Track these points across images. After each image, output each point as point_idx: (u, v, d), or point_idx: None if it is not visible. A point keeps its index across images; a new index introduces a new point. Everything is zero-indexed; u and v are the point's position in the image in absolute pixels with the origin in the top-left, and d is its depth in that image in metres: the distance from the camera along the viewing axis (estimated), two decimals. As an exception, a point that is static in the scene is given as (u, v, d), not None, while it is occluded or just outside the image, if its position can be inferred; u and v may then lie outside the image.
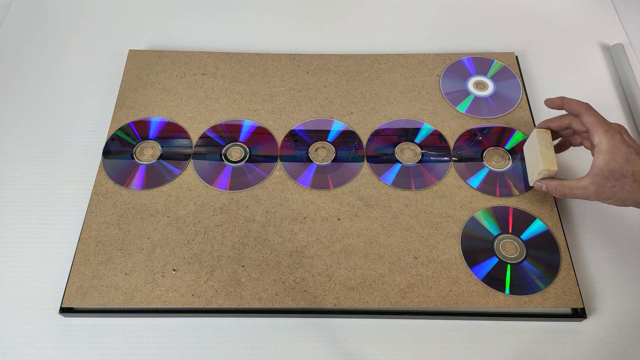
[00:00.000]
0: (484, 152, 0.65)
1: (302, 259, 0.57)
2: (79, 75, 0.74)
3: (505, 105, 0.69)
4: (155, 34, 0.79)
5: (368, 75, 0.72)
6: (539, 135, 0.58)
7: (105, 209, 0.60)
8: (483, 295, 0.54)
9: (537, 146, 0.58)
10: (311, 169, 0.64)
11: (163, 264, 0.56)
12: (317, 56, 0.74)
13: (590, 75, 0.75)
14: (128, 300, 0.54)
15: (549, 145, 0.58)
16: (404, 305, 0.54)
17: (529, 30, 0.81)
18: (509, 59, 0.74)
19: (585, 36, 0.80)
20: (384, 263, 0.57)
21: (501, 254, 0.57)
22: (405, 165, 0.64)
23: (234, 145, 0.65)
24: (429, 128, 0.67)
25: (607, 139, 0.51)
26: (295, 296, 0.54)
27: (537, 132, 0.59)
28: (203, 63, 0.73)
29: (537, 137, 0.58)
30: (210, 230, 0.59)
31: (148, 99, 0.69)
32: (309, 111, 0.69)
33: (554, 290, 0.55)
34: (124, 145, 0.65)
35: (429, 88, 0.71)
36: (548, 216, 0.60)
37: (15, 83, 0.73)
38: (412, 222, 0.59)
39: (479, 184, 0.62)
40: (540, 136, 0.58)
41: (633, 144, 0.51)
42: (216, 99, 0.69)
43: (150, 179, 0.63)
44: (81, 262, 0.56)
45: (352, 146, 0.65)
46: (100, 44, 0.78)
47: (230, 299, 0.54)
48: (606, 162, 0.51)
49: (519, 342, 0.54)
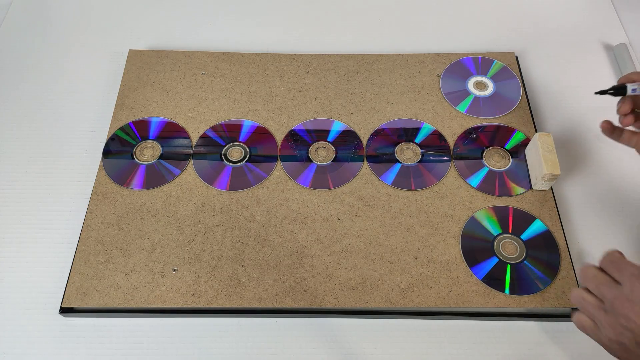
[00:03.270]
0: (484, 151, 0.65)
1: (302, 259, 0.57)
2: (79, 75, 0.74)
3: (505, 105, 0.69)
4: (155, 34, 0.79)
5: (368, 75, 0.72)
6: (541, 139, 0.58)
7: (105, 209, 0.60)
8: (483, 295, 0.54)
9: (539, 150, 0.58)
10: (311, 169, 0.64)
11: (163, 264, 0.56)
12: (317, 56, 0.74)
13: (590, 75, 0.75)
14: (128, 300, 0.54)
15: (551, 149, 0.58)
16: (404, 305, 0.54)
17: (529, 30, 0.81)
18: (509, 59, 0.74)
19: (585, 36, 0.80)
20: (384, 263, 0.57)
21: (501, 254, 0.57)
22: (405, 165, 0.64)
23: (234, 145, 0.65)
24: (429, 128, 0.67)
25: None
26: (296, 296, 0.54)
27: (538, 136, 0.59)
28: (203, 63, 0.73)
29: (538, 141, 0.58)
30: (211, 230, 0.59)
31: (148, 99, 0.69)
32: (309, 111, 0.69)
33: (554, 290, 0.55)
34: (124, 145, 0.65)
35: (429, 88, 0.71)
36: (548, 216, 0.60)
37: (15, 83, 0.73)
38: (412, 222, 0.59)
39: (479, 183, 0.62)
40: (542, 140, 0.58)
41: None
42: (216, 99, 0.69)
43: (150, 179, 0.63)
44: (81, 262, 0.56)
45: (352, 146, 0.65)
46: (100, 44, 0.78)
47: (231, 299, 0.54)
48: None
49: (519, 342, 0.54)
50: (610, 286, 0.44)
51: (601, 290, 0.45)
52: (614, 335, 0.43)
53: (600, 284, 0.45)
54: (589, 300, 0.46)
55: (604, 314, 0.44)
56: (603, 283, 0.45)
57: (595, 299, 0.45)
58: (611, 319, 0.43)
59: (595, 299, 0.45)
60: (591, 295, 0.46)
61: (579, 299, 0.47)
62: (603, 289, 0.45)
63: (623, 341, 0.43)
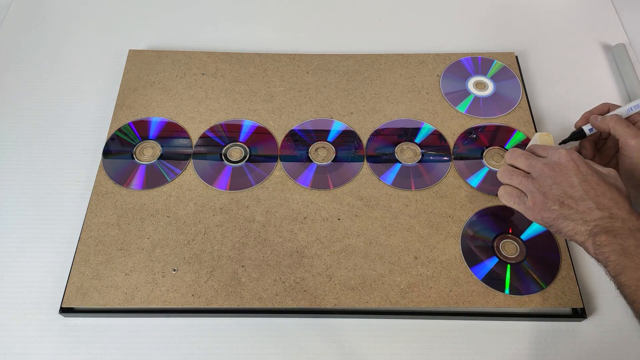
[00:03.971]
0: (484, 151, 0.65)
1: (302, 259, 0.57)
2: (79, 75, 0.74)
3: (505, 105, 0.69)
4: (155, 34, 0.79)
5: (368, 75, 0.72)
6: (541, 139, 0.58)
7: (105, 209, 0.60)
8: (483, 295, 0.54)
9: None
10: (311, 169, 0.64)
11: (163, 264, 0.56)
12: (317, 56, 0.74)
13: (590, 75, 0.75)
14: (128, 300, 0.54)
15: None
16: (404, 305, 0.54)
17: (529, 30, 0.81)
18: (509, 59, 0.74)
19: (585, 36, 0.80)
20: (384, 263, 0.57)
21: (501, 254, 0.57)
22: (405, 165, 0.64)
23: (234, 145, 0.65)
24: (429, 128, 0.67)
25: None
26: (296, 296, 0.54)
27: (538, 136, 0.58)
28: (203, 63, 0.73)
29: (539, 140, 0.58)
30: (211, 230, 0.59)
31: (148, 99, 0.69)
32: (309, 111, 0.69)
33: (554, 290, 0.55)
34: (124, 145, 0.65)
35: (429, 88, 0.71)
36: (548, 216, 0.60)
37: (15, 83, 0.73)
38: (412, 222, 0.59)
39: (479, 183, 0.62)
40: (542, 140, 0.58)
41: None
42: (216, 99, 0.69)
43: (150, 179, 0.63)
44: (81, 262, 0.56)
45: (352, 146, 0.65)
46: (100, 44, 0.78)
47: (230, 299, 0.54)
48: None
49: (519, 342, 0.54)
50: (539, 158, 0.50)
51: (529, 161, 0.50)
52: (541, 198, 0.48)
53: (529, 156, 0.50)
54: (517, 172, 0.51)
55: (532, 181, 0.49)
56: (531, 156, 0.50)
57: (522, 173, 0.50)
58: (539, 183, 0.48)
59: (522, 173, 0.50)
60: (518, 170, 0.51)
61: (508, 171, 0.51)
62: (531, 160, 0.50)
63: (548, 202, 0.47)
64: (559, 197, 0.47)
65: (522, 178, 0.50)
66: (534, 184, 0.49)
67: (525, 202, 0.49)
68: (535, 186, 0.48)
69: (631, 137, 0.53)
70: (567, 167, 0.47)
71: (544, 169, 0.48)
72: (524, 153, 0.51)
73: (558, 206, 0.47)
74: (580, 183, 0.46)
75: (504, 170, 0.52)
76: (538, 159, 0.50)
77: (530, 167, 0.50)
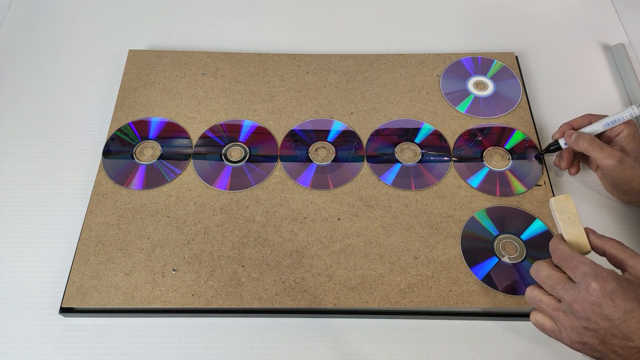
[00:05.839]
0: (484, 151, 0.65)
1: (302, 259, 0.57)
2: (79, 75, 0.74)
3: (505, 105, 0.69)
4: (155, 34, 0.79)
5: (368, 75, 0.72)
6: (557, 205, 0.48)
7: (105, 209, 0.60)
8: (483, 295, 0.54)
9: (558, 223, 0.49)
10: (311, 169, 0.64)
11: (163, 264, 0.56)
12: (317, 56, 0.74)
13: (590, 75, 0.75)
14: (128, 300, 0.54)
15: (573, 219, 0.47)
16: (404, 305, 0.54)
17: (529, 30, 0.81)
18: (509, 59, 0.74)
19: (585, 36, 0.80)
20: (384, 263, 0.57)
21: (501, 254, 0.57)
22: (405, 165, 0.64)
23: (234, 145, 0.65)
24: (429, 128, 0.67)
25: (627, 128, 0.56)
26: (295, 296, 0.54)
27: (554, 203, 0.49)
28: (203, 63, 0.73)
29: (555, 209, 0.48)
30: (210, 230, 0.59)
31: (148, 99, 0.69)
32: (309, 111, 0.69)
33: (554, 290, 0.55)
34: (124, 145, 0.65)
35: (429, 88, 0.71)
36: (548, 216, 0.59)
37: (15, 83, 0.73)
38: (412, 222, 0.59)
39: (479, 183, 0.62)
40: (559, 206, 0.48)
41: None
42: (216, 99, 0.69)
43: (150, 179, 0.63)
44: (81, 262, 0.56)
45: (352, 146, 0.65)
46: (100, 44, 0.78)
47: (230, 299, 0.54)
48: (627, 142, 0.56)
49: (519, 342, 0.54)
50: (566, 287, 0.43)
51: (557, 291, 0.44)
52: (577, 336, 0.43)
53: (555, 285, 0.44)
54: (546, 302, 0.45)
55: (564, 315, 0.44)
56: (558, 283, 0.44)
57: (552, 300, 0.45)
58: (572, 321, 0.43)
59: (552, 300, 0.45)
60: (547, 295, 0.46)
61: (536, 300, 0.46)
62: (559, 290, 0.44)
63: (586, 341, 0.43)
64: (599, 338, 0.42)
65: (553, 311, 0.45)
66: (566, 320, 0.44)
67: (562, 339, 0.45)
68: (567, 324, 0.44)
69: (606, 158, 0.55)
70: (599, 305, 0.41)
71: (573, 306, 0.42)
72: (550, 276, 0.45)
73: (599, 345, 0.42)
74: (621, 324, 0.40)
75: (532, 295, 0.47)
76: (566, 288, 0.43)
77: (559, 297, 0.44)
